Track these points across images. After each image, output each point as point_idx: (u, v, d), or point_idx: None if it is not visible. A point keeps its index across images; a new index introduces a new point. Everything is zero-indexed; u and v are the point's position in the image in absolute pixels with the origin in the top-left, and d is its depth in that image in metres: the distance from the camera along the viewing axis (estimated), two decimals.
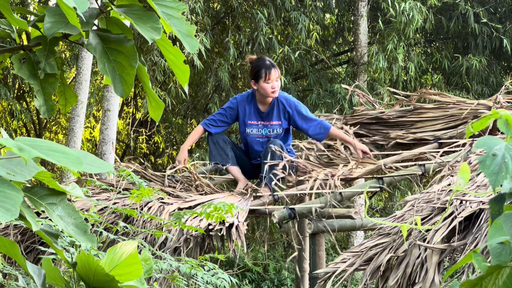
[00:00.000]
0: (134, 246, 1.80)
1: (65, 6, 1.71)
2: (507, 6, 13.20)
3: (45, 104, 1.95)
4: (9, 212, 1.49)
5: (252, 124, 5.63)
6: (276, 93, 5.51)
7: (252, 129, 5.63)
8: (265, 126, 5.62)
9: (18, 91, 14.19)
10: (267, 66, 5.48)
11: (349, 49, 14.30)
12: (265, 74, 5.48)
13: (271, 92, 5.50)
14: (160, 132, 14.28)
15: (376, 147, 6.56)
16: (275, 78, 5.48)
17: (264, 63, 5.51)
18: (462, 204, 3.89)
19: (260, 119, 5.62)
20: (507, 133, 1.45)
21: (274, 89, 5.49)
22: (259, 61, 5.55)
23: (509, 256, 1.37)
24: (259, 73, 5.50)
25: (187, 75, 1.97)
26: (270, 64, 5.50)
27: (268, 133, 5.61)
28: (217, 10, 13.48)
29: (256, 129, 5.63)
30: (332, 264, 4.12)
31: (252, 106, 5.62)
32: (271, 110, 5.59)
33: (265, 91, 5.50)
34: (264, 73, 5.48)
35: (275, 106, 5.59)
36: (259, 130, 5.63)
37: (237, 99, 5.66)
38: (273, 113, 5.59)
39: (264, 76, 5.49)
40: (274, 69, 5.49)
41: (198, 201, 4.95)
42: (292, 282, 12.16)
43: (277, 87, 5.50)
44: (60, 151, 1.56)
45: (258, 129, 5.63)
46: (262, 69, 5.49)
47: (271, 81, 5.48)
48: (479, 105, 6.30)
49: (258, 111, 5.61)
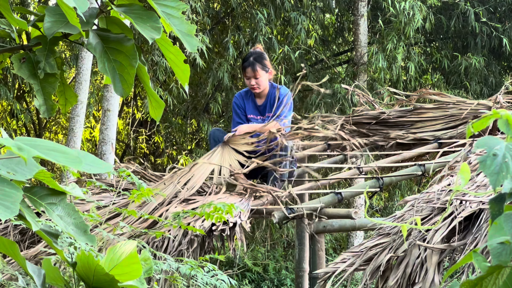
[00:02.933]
0: (134, 246, 1.80)
1: (65, 6, 1.71)
2: (506, 6, 13.20)
3: (45, 104, 1.95)
4: (9, 209, 1.49)
5: (252, 119, 5.68)
6: (256, 90, 5.57)
7: (253, 123, 5.66)
8: (263, 121, 5.65)
9: (18, 91, 14.19)
10: (244, 65, 5.58)
11: (349, 49, 14.30)
12: (243, 72, 5.60)
13: (251, 88, 5.57)
14: (160, 132, 14.29)
15: (376, 147, 6.56)
16: (251, 75, 5.53)
17: (246, 60, 5.59)
18: (462, 204, 3.89)
19: (259, 113, 5.67)
20: (507, 133, 1.45)
21: (253, 86, 5.55)
22: (246, 57, 5.65)
23: (509, 256, 1.37)
24: (242, 68, 5.62)
25: (187, 74, 1.97)
26: (248, 63, 5.55)
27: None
28: (217, 10, 13.48)
29: (256, 123, 5.66)
30: (332, 264, 4.12)
31: (251, 101, 5.68)
32: (266, 103, 5.64)
33: (247, 85, 5.60)
34: (243, 71, 5.61)
35: (269, 99, 5.63)
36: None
37: (237, 97, 5.73)
38: (268, 106, 5.63)
39: (243, 74, 5.62)
40: (249, 68, 5.53)
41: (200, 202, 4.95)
42: (292, 282, 12.15)
43: (256, 84, 5.54)
44: (59, 151, 1.56)
45: (258, 123, 5.66)
46: (243, 65, 5.61)
47: (248, 79, 5.55)
48: (479, 105, 6.30)
49: (256, 105, 5.68)
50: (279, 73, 12.12)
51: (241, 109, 5.70)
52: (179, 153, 14.21)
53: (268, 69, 5.60)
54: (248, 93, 5.68)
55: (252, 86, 5.56)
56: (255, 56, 5.57)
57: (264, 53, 5.68)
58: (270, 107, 5.61)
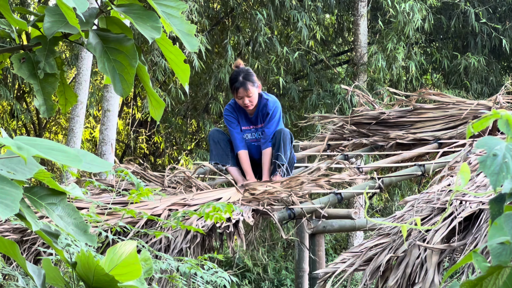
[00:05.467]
0: (134, 246, 1.80)
1: (64, 6, 1.71)
2: (506, 6, 13.21)
3: (44, 104, 1.95)
4: (9, 208, 1.49)
5: (245, 130, 5.69)
6: (249, 107, 5.55)
7: (247, 134, 5.68)
8: (257, 130, 5.66)
9: (18, 91, 14.19)
10: (235, 86, 5.52)
11: (349, 49, 14.29)
12: (235, 93, 5.56)
13: (244, 107, 5.57)
14: (160, 132, 14.28)
15: (376, 147, 6.56)
16: (244, 95, 5.51)
17: (235, 80, 5.54)
18: (462, 205, 3.89)
19: (251, 123, 5.67)
20: (507, 133, 1.45)
21: (246, 105, 5.54)
22: (233, 76, 5.59)
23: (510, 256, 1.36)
24: (232, 88, 5.59)
25: (188, 74, 1.96)
26: (239, 83, 5.50)
27: (260, 135, 5.66)
28: (217, 11, 13.48)
29: (250, 133, 5.68)
30: (332, 264, 4.12)
31: (242, 112, 5.67)
32: (257, 113, 5.64)
33: (240, 105, 5.59)
34: (234, 91, 5.57)
35: (259, 109, 5.62)
36: (253, 134, 5.68)
37: (229, 110, 5.70)
38: (260, 116, 5.63)
39: (235, 94, 5.58)
40: (241, 88, 5.50)
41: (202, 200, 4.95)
42: (292, 282, 12.15)
43: (249, 102, 5.53)
44: (59, 150, 1.56)
45: (251, 133, 5.68)
46: (233, 86, 5.55)
47: (240, 98, 5.53)
48: (479, 105, 6.30)
49: (247, 116, 5.67)
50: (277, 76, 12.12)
51: (236, 121, 5.68)
52: (179, 153, 14.22)
53: (257, 83, 5.59)
54: (237, 105, 5.66)
55: (245, 105, 5.54)
56: (244, 74, 5.52)
57: (250, 69, 5.70)
58: (261, 117, 5.62)
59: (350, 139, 6.68)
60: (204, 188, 5.38)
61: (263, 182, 5.35)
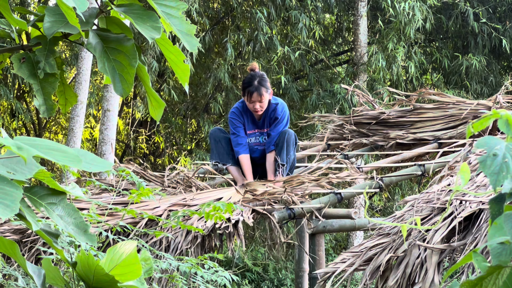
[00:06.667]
0: (134, 246, 1.80)
1: (64, 6, 1.71)
2: (506, 6, 13.20)
3: (44, 104, 1.95)
4: (9, 208, 1.49)
5: (250, 134, 5.67)
6: (259, 112, 5.55)
7: (251, 138, 5.67)
8: (262, 134, 5.66)
9: (18, 91, 14.19)
10: (250, 90, 5.51)
11: (349, 49, 14.29)
12: (248, 96, 5.53)
13: (254, 111, 5.56)
14: (160, 132, 14.28)
15: (376, 147, 6.56)
16: (257, 100, 5.50)
17: (249, 84, 5.52)
18: (461, 204, 3.89)
19: (257, 127, 5.66)
20: (507, 133, 1.45)
21: (256, 110, 5.53)
22: (247, 79, 5.57)
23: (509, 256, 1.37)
24: (244, 91, 5.57)
25: (187, 74, 1.96)
26: (254, 87, 5.49)
27: (265, 140, 5.65)
28: (217, 10, 13.48)
29: (254, 137, 5.67)
30: (332, 264, 4.12)
31: (249, 115, 5.66)
32: (265, 117, 5.63)
33: (250, 108, 5.57)
34: (247, 94, 5.54)
35: (268, 114, 5.61)
36: (257, 138, 5.67)
37: (236, 113, 5.68)
38: (267, 120, 5.63)
39: (247, 97, 5.55)
40: (256, 93, 5.49)
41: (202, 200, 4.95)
42: (292, 282, 12.15)
43: (259, 107, 5.53)
44: (59, 150, 1.56)
45: (255, 137, 5.67)
46: (246, 89, 5.53)
47: (252, 103, 5.51)
48: (479, 105, 6.30)
49: (254, 120, 5.65)
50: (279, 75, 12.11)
51: (242, 125, 5.67)
52: (179, 153, 14.22)
53: (270, 90, 5.59)
54: (244, 108, 5.65)
55: (255, 110, 5.54)
56: (259, 79, 5.52)
57: (264, 74, 5.66)
58: (269, 121, 5.61)
59: (350, 139, 6.68)
60: (204, 188, 5.38)
61: (263, 181, 5.35)
